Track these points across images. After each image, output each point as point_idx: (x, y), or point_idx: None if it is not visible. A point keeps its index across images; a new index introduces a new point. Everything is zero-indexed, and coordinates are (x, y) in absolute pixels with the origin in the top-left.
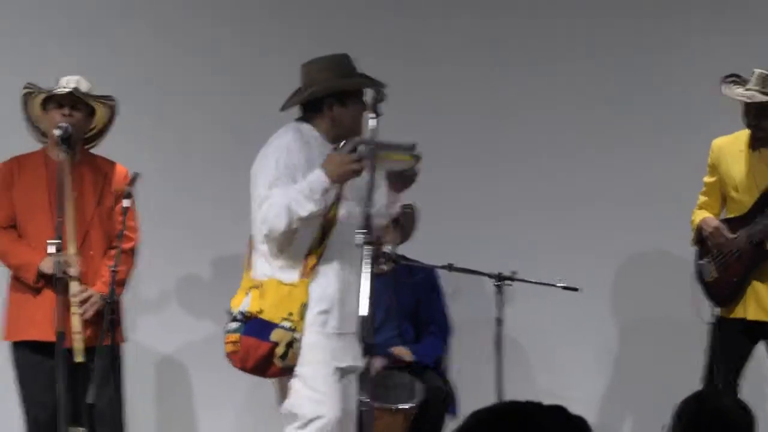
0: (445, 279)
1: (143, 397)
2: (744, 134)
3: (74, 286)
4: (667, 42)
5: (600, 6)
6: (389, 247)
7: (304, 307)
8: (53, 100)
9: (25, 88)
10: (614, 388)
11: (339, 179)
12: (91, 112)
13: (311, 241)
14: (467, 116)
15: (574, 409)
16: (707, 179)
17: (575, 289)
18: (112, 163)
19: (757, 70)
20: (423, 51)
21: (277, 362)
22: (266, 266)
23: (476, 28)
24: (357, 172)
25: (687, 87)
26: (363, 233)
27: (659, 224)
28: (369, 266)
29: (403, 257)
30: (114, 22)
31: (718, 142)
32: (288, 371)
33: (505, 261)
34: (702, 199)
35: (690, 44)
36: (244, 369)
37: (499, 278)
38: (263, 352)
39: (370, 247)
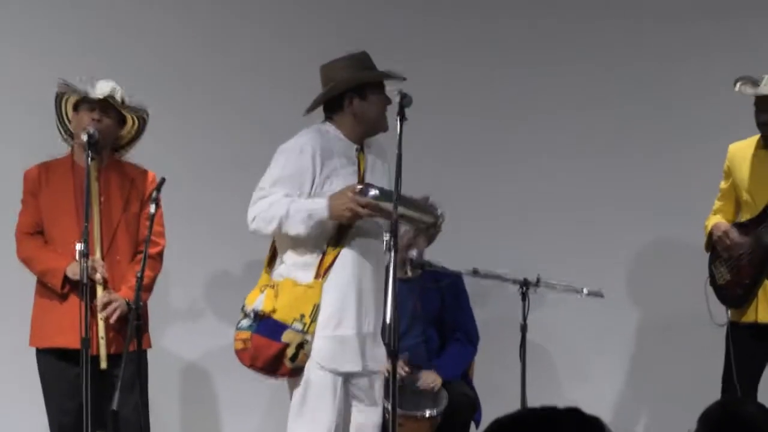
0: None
1: (168, 403)
2: (757, 137)
3: (99, 292)
4: (677, 45)
5: (604, 9)
6: (415, 253)
7: (316, 308)
8: (85, 102)
9: (59, 86)
10: (638, 393)
11: (338, 219)
12: (122, 121)
13: (327, 242)
14: (494, 118)
15: (598, 414)
16: (722, 184)
17: (600, 295)
18: (140, 169)
19: None
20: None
21: (287, 363)
22: (283, 266)
23: (486, 30)
24: (360, 217)
25: (708, 92)
26: (389, 238)
27: (683, 228)
28: (395, 271)
29: (429, 263)
30: (140, 19)
31: (733, 146)
32: (297, 372)
33: (529, 266)
34: (717, 204)
35: (694, 48)
36: (252, 367)
37: (524, 284)
38: (274, 352)
39: (395, 253)
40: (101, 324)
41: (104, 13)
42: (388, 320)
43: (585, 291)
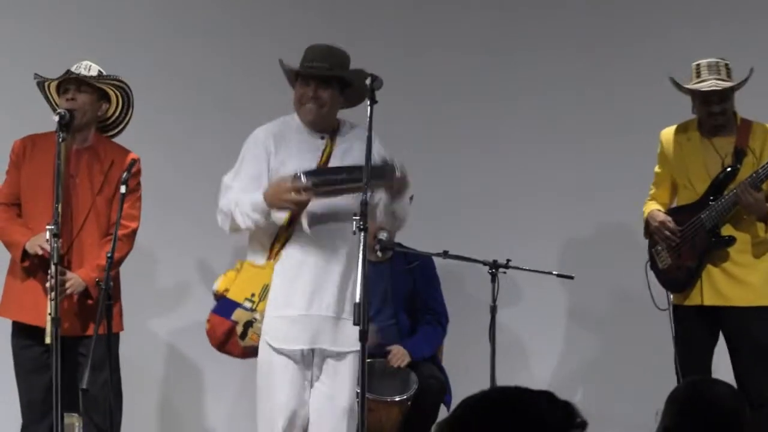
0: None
1: (148, 386)
2: (692, 122)
3: (52, 270)
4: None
5: None
6: (385, 234)
7: (265, 288)
8: (60, 86)
9: (35, 78)
10: (608, 375)
11: (274, 207)
12: (104, 97)
13: (279, 226)
14: (463, 104)
15: (568, 396)
16: (657, 169)
17: (570, 277)
18: (124, 151)
19: (703, 61)
20: (420, 40)
21: (239, 342)
22: (248, 249)
23: (475, 18)
24: (294, 204)
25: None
26: (358, 219)
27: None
28: (364, 253)
29: (399, 244)
30: (122, 10)
31: (666, 132)
32: (252, 352)
33: (499, 249)
34: (652, 189)
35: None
36: (215, 348)
37: (494, 266)
38: (224, 329)
39: (365, 234)
40: (50, 303)
41: (93, 8)
42: (357, 301)
43: (554, 273)
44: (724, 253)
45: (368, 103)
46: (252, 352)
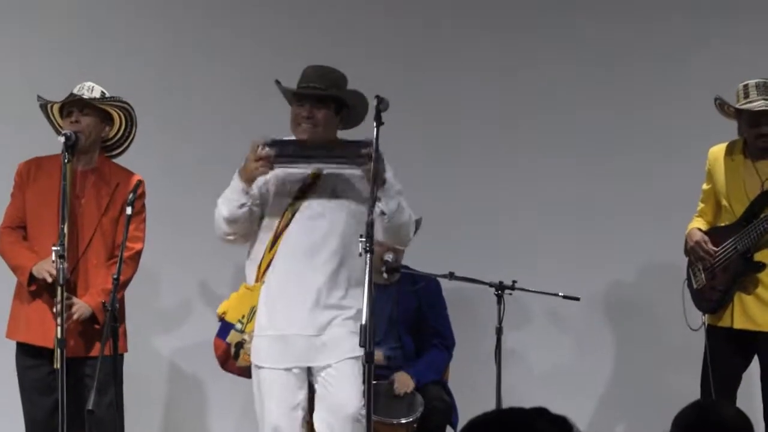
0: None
1: (151, 406)
2: (738, 143)
3: (58, 294)
4: (671, 48)
5: (604, 12)
6: (391, 256)
7: (253, 310)
8: (63, 108)
9: (38, 100)
10: (614, 396)
11: (245, 177)
12: (107, 118)
13: (265, 247)
14: (468, 124)
15: (574, 417)
16: (705, 186)
17: (576, 299)
18: (128, 173)
19: (751, 81)
20: (422, 58)
21: (234, 362)
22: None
23: (479, 35)
24: (259, 171)
25: (688, 96)
26: (364, 241)
27: (659, 232)
28: (370, 275)
29: (405, 266)
30: (121, 23)
31: (714, 150)
32: (248, 371)
33: (505, 270)
34: (700, 206)
35: (693, 51)
36: (221, 367)
37: (500, 287)
38: (221, 351)
39: (370, 255)
40: (56, 327)
41: (84, 15)
42: (363, 323)
43: (560, 294)
44: (755, 277)
45: (375, 125)
46: (248, 371)
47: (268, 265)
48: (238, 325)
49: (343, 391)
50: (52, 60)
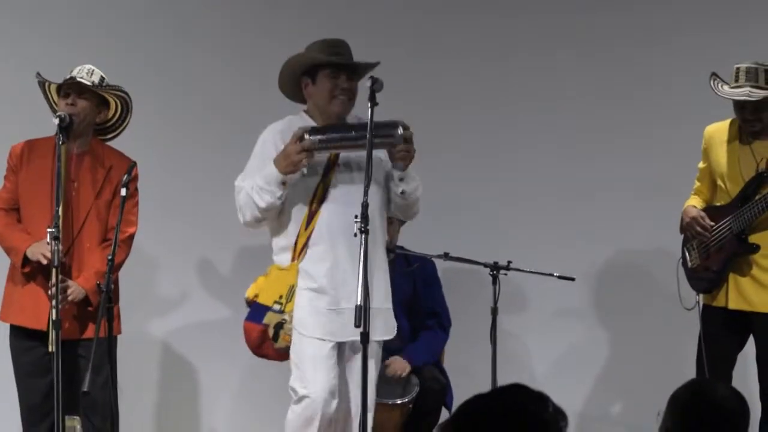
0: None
1: (147, 389)
2: (734, 122)
3: (53, 276)
4: (662, 34)
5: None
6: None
7: (292, 289)
8: (61, 89)
9: (36, 77)
10: (609, 376)
11: (286, 170)
12: (103, 103)
13: (300, 225)
14: (466, 108)
15: (570, 397)
16: (701, 165)
17: (571, 279)
18: (122, 156)
19: (742, 65)
20: (424, 44)
21: (272, 344)
22: (273, 253)
23: (475, 22)
24: (302, 162)
25: (682, 80)
26: (359, 222)
27: (653, 214)
28: (365, 255)
29: (400, 247)
30: (121, 17)
31: (710, 128)
32: (287, 352)
33: (501, 251)
34: (696, 184)
35: (685, 36)
36: (252, 352)
37: (495, 267)
38: (257, 334)
39: (365, 236)
40: (51, 309)
41: (84, 9)
42: (359, 303)
43: (556, 275)
44: (750, 259)
45: (369, 105)
46: (287, 352)
47: (305, 245)
48: (276, 306)
49: (372, 372)
50: (49, 46)
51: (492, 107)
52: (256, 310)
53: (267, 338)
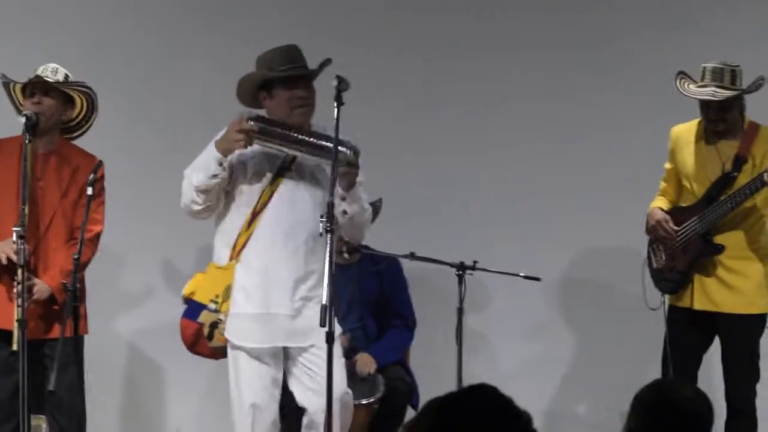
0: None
1: (112, 389)
2: (700, 123)
3: (19, 275)
4: (636, 33)
5: None
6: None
7: (228, 289)
8: (26, 88)
9: (1, 78)
10: (574, 376)
11: (222, 148)
12: (69, 101)
13: (241, 225)
14: (430, 106)
15: (535, 397)
16: (667, 165)
17: (537, 279)
18: (88, 155)
19: (709, 65)
20: (391, 42)
21: (207, 342)
22: (214, 251)
23: (449, 20)
24: (239, 143)
25: (646, 78)
26: (325, 221)
27: (618, 214)
28: (331, 255)
29: (366, 246)
30: (99, 18)
31: (677, 129)
32: (222, 351)
33: (466, 251)
34: (662, 185)
35: (657, 36)
36: (188, 349)
37: (461, 267)
38: (192, 332)
39: (331, 236)
40: (16, 308)
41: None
42: (324, 302)
43: (521, 275)
44: (715, 259)
45: (335, 104)
46: (221, 352)
47: (244, 245)
48: (212, 305)
49: (323, 376)
50: (16, 45)
51: (458, 108)
52: (192, 308)
53: (202, 336)
